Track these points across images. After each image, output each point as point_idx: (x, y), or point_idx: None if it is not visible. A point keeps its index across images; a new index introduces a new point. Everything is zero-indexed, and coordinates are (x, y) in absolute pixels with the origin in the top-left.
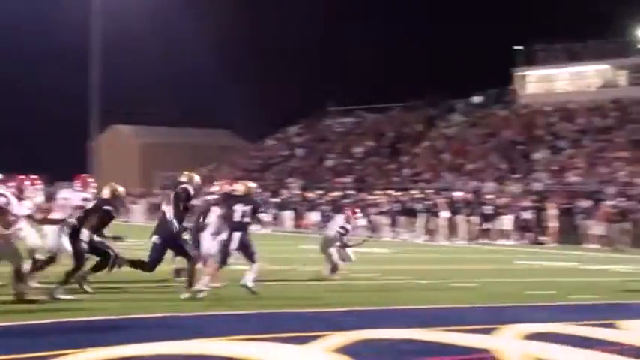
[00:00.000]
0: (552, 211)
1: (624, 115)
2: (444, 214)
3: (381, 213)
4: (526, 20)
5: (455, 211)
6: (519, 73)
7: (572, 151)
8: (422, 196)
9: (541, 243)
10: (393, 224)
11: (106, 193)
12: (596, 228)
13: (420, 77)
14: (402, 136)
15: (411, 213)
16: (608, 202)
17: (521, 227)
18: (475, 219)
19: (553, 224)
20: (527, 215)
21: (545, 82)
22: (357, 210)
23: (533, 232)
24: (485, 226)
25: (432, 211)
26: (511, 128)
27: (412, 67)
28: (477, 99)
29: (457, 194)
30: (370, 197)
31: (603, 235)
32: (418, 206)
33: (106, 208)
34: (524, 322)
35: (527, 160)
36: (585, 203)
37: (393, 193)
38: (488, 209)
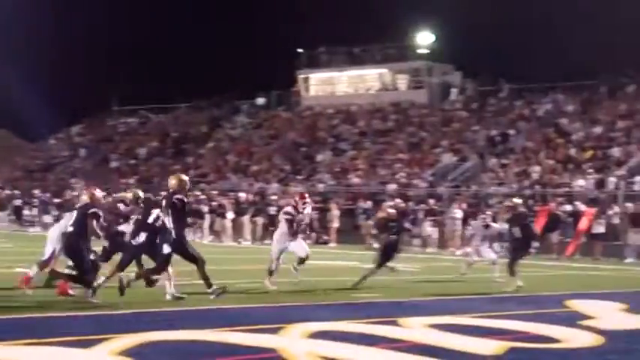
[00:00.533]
0: (335, 211)
1: (404, 118)
2: (230, 215)
3: None
4: (309, 23)
5: (240, 212)
6: (302, 76)
7: (353, 153)
8: (205, 197)
9: (325, 243)
10: None
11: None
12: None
13: (205, 78)
14: (186, 136)
15: (197, 214)
16: (389, 203)
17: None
18: (260, 220)
19: (335, 224)
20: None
21: (328, 84)
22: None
23: (316, 232)
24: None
25: (218, 212)
26: (294, 130)
27: (198, 68)
28: (260, 101)
29: (242, 195)
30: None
31: None
32: (203, 207)
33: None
34: (310, 321)
35: (311, 162)
36: (366, 204)
37: None
38: (273, 210)
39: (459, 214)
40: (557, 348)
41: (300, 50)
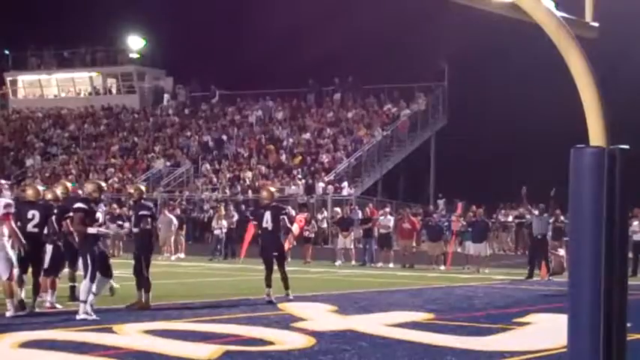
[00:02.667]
0: None
1: (116, 123)
2: None
3: None
4: (18, 24)
5: None
6: (10, 78)
7: (64, 158)
8: None
9: None
10: None
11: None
12: None
13: None
14: None
15: None
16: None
17: None
18: None
19: None
20: None
21: (37, 87)
22: None
23: None
24: None
25: None
26: (2, 133)
27: None
28: None
29: None
30: None
31: None
32: None
33: None
34: (21, 331)
35: (20, 166)
36: None
37: None
38: None
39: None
40: (271, 350)
41: (7, 52)
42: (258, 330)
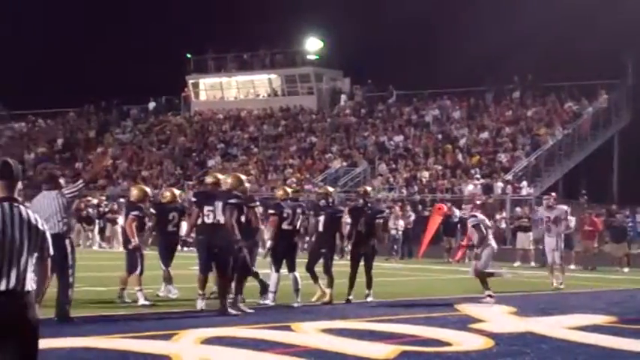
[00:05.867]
0: None
1: (294, 124)
2: (121, 221)
3: None
4: (198, 28)
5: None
6: (193, 81)
7: (244, 158)
8: (97, 202)
9: None
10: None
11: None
12: None
13: (94, 83)
14: (75, 141)
15: (88, 220)
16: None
17: None
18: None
19: None
20: None
21: (217, 90)
22: None
23: None
24: None
25: (108, 218)
26: (185, 135)
27: (87, 73)
28: (151, 105)
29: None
30: None
31: None
32: (93, 213)
33: None
34: (202, 327)
35: (202, 167)
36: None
37: None
38: None
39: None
40: (449, 351)
41: (188, 55)
42: (435, 330)
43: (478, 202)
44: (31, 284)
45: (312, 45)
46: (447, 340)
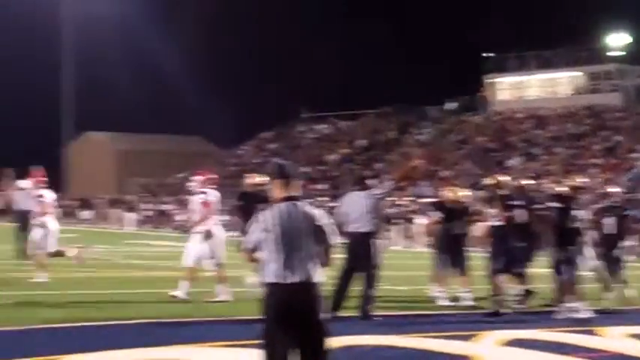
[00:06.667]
0: None
1: (598, 122)
2: (420, 221)
3: None
4: (496, 27)
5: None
6: (490, 81)
7: (546, 158)
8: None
9: None
10: None
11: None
12: None
13: (390, 84)
14: (375, 142)
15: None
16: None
17: None
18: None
19: None
20: None
21: (516, 89)
22: None
23: None
24: None
25: (407, 218)
26: (484, 135)
27: (383, 74)
28: (449, 106)
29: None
30: None
31: None
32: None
33: None
34: (503, 329)
35: (502, 167)
36: None
37: None
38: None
39: None
40: None
41: (485, 55)
42: None
43: None
44: (318, 276)
45: (617, 40)
46: None
